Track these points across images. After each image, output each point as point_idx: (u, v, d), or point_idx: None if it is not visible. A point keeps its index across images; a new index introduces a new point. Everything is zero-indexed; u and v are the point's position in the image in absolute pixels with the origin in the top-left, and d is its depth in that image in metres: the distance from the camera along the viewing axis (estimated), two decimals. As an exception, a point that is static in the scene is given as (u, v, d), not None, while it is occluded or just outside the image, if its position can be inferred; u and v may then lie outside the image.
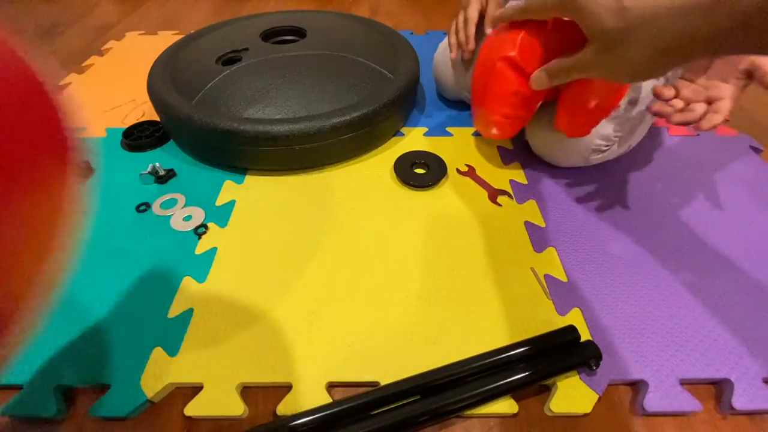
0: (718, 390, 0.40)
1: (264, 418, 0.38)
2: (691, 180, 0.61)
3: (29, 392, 0.39)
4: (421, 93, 0.79)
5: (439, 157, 0.63)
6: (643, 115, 0.55)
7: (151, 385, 0.39)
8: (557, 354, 0.40)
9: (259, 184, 0.60)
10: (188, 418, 0.38)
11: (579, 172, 0.61)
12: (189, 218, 0.54)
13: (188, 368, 0.40)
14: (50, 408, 0.38)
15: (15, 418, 0.38)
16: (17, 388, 0.39)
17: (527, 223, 0.54)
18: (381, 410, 0.37)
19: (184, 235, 0.53)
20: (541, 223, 0.54)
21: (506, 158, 0.64)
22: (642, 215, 0.55)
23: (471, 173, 0.62)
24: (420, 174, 0.61)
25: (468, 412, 0.38)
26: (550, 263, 0.50)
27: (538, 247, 0.51)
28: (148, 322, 0.44)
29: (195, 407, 0.38)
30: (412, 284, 0.47)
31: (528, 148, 0.63)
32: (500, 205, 0.57)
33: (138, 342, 0.42)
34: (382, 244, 0.52)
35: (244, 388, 0.40)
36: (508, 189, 0.59)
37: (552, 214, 0.56)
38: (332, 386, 0.40)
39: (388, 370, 0.40)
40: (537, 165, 0.62)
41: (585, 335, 0.42)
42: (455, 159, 0.63)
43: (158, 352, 0.41)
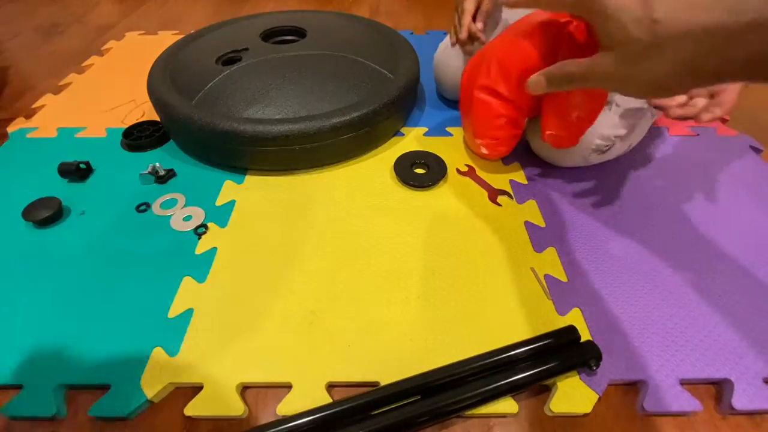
0: (718, 390, 0.40)
1: (264, 418, 0.38)
2: (691, 180, 0.61)
3: (29, 392, 0.39)
4: (421, 93, 0.79)
5: (439, 157, 0.63)
6: (642, 115, 0.56)
7: (151, 385, 0.39)
8: (557, 354, 0.40)
9: (259, 184, 0.60)
10: (188, 418, 0.38)
11: (579, 172, 0.61)
12: (189, 218, 0.55)
13: (188, 368, 0.40)
14: (50, 408, 0.38)
15: (15, 418, 0.38)
16: (17, 388, 0.39)
17: (527, 223, 0.54)
18: (381, 410, 0.37)
19: (184, 235, 0.53)
20: (541, 223, 0.54)
21: (506, 158, 0.64)
22: (642, 215, 0.55)
23: (471, 173, 0.62)
24: (420, 174, 0.61)
25: (468, 412, 0.38)
26: (550, 263, 0.50)
27: (538, 247, 0.51)
28: (148, 322, 0.44)
29: (195, 407, 0.38)
30: (412, 284, 0.47)
31: (528, 148, 0.63)
32: (500, 205, 0.57)
33: (138, 342, 0.42)
34: (382, 244, 0.52)
35: (244, 388, 0.40)
36: (508, 189, 0.59)
37: (552, 214, 0.55)
38: (332, 386, 0.40)
39: (388, 370, 0.40)
40: (537, 165, 0.62)
41: (585, 335, 0.42)
42: (455, 159, 0.63)
43: (158, 352, 0.41)
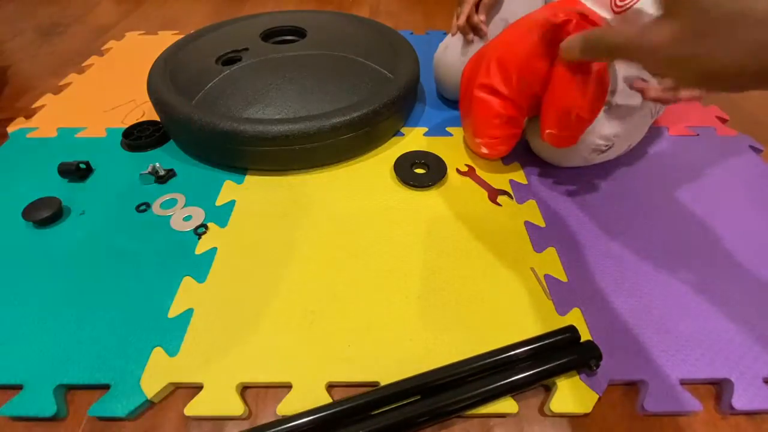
0: (718, 390, 0.40)
1: (264, 418, 0.38)
2: (691, 180, 0.61)
3: (29, 392, 0.39)
4: (421, 93, 0.79)
5: (439, 157, 0.63)
6: (643, 114, 0.56)
7: (151, 385, 0.39)
8: (557, 354, 0.40)
9: (259, 184, 0.60)
10: (188, 418, 0.38)
11: (579, 172, 0.61)
12: (189, 218, 0.54)
13: (188, 368, 0.40)
14: (50, 408, 0.38)
15: (15, 418, 0.38)
16: (17, 388, 0.39)
17: (527, 223, 0.54)
18: (381, 410, 0.37)
19: (184, 235, 0.53)
20: (541, 223, 0.54)
21: (506, 158, 0.64)
22: (642, 215, 0.55)
23: (471, 173, 0.62)
24: (420, 174, 0.61)
25: (468, 412, 0.38)
26: (550, 263, 0.50)
27: (538, 247, 0.51)
28: (148, 322, 0.44)
29: (195, 407, 0.38)
30: (412, 284, 0.47)
31: (528, 148, 0.63)
32: (500, 205, 0.57)
33: (138, 342, 0.42)
34: (382, 244, 0.52)
35: (244, 388, 0.40)
36: (508, 189, 0.59)
37: (552, 214, 0.55)
38: (332, 386, 0.40)
39: (388, 370, 0.40)
40: (537, 165, 0.62)
41: (585, 335, 0.42)
42: (455, 159, 0.63)
43: (158, 352, 0.41)
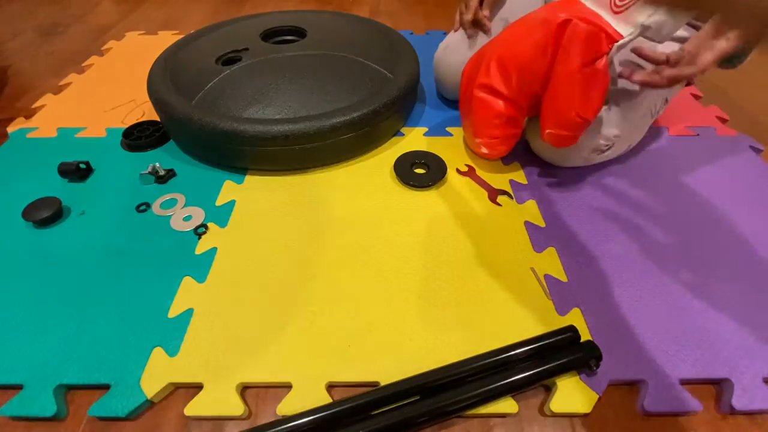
0: (718, 390, 0.40)
1: (264, 418, 0.38)
2: (691, 180, 0.61)
3: (29, 392, 0.39)
4: (421, 93, 0.79)
5: (439, 157, 0.63)
6: (642, 114, 0.56)
7: (151, 385, 0.39)
8: (557, 354, 0.40)
9: (259, 184, 0.60)
10: (188, 418, 0.38)
11: (579, 172, 0.61)
12: (189, 218, 0.54)
13: (188, 368, 0.40)
14: (50, 408, 0.38)
15: (15, 418, 0.38)
16: (17, 388, 0.39)
17: (527, 223, 0.54)
18: (381, 410, 0.37)
19: (184, 235, 0.53)
20: (541, 223, 0.54)
21: (506, 158, 0.64)
22: (642, 215, 0.55)
23: (471, 173, 0.62)
24: (420, 174, 0.61)
25: (468, 412, 0.38)
26: (550, 263, 0.50)
27: (538, 247, 0.51)
28: (148, 322, 0.44)
29: (195, 407, 0.38)
30: (412, 284, 0.47)
31: (528, 148, 0.63)
32: (500, 205, 0.57)
33: (138, 342, 0.42)
34: (382, 244, 0.52)
35: (244, 388, 0.40)
36: (508, 189, 0.59)
37: (552, 214, 0.55)
38: (332, 386, 0.40)
39: (388, 370, 0.40)
40: (537, 165, 0.62)
41: (585, 335, 0.42)
42: (455, 159, 0.63)
43: (158, 352, 0.41)
